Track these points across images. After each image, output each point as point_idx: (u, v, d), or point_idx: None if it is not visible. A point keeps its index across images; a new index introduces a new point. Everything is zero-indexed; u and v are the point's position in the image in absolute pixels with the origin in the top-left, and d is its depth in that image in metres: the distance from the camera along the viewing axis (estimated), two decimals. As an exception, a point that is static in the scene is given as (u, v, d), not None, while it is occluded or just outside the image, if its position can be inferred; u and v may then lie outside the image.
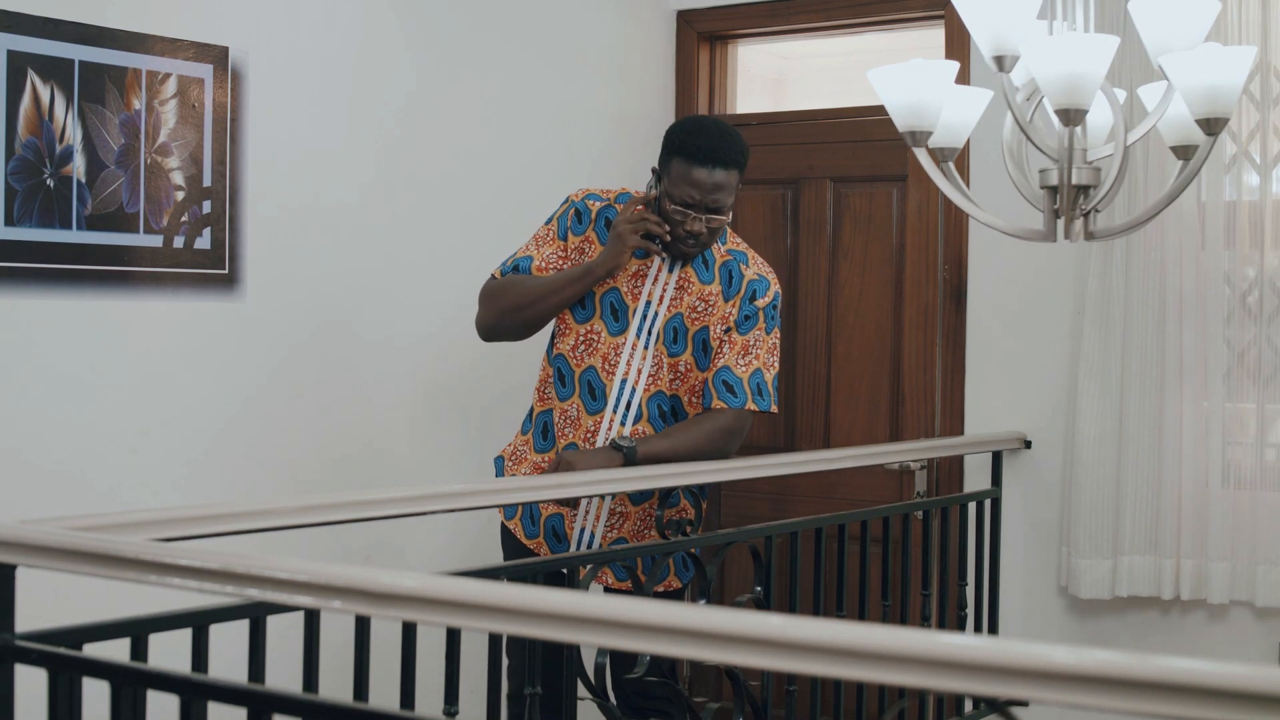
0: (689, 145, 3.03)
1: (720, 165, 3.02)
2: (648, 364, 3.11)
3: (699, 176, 3.02)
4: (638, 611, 1.52)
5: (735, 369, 3.10)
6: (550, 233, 3.20)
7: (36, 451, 3.10)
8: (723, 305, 3.13)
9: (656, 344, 3.11)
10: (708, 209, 3.04)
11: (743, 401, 3.10)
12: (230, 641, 2.32)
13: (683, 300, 3.12)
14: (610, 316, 3.12)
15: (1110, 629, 3.88)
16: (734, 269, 3.15)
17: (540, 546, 3.20)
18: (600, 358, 3.12)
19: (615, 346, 3.12)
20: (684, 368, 3.13)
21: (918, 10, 4.28)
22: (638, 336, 3.11)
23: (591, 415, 3.12)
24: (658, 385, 3.12)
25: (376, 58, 3.77)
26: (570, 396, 3.15)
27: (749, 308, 3.13)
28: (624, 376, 3.10)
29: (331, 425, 3.68)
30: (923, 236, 4.25)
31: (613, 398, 3.11)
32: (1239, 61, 2.56)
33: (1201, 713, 1.24)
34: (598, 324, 3.13)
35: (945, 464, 4.17)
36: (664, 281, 3.12)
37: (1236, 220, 3.64)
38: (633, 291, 3.13)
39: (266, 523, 2.34)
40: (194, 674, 2.08)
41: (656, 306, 3.12)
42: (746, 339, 3.12)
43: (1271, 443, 3.66)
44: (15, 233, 3.03)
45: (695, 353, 3.12)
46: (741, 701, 2.98)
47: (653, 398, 3.12)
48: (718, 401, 3.10)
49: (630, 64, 4.52)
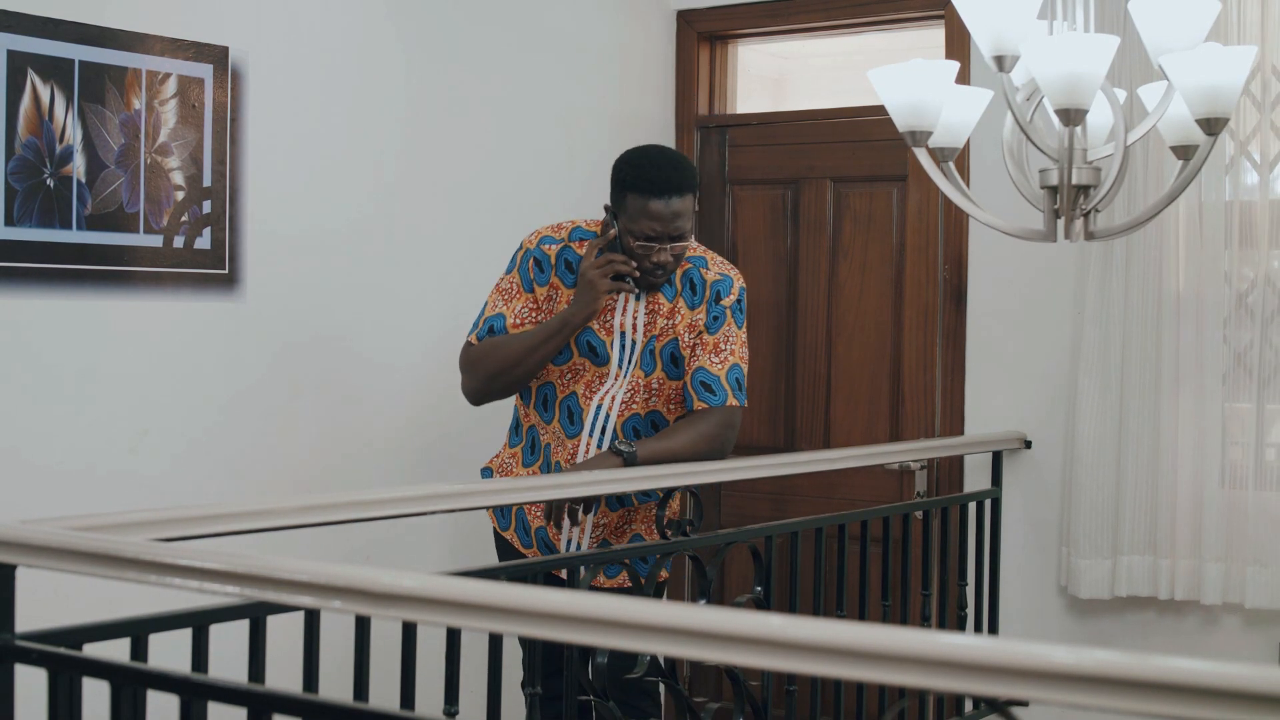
0: (642, 180, 3.02)
1: (675, 194, 3.02)
2: (623, 391, 3.13)
3: (656, 209, 3.01)
4: (638, 611, 1.52)
5: (711, 368, 3.12)
6: (514, 285, 3.18)
7: (36, 451, 3.10)
8: (689, 314, 3.14)
9: (634, 370, 3.14)
10: (670, 238, 3.04)
11: (724, 398, 3.11)
12: (230, 641, 2.32)
13: (656, 324, 3.14)
14: (590, 354, 3.14)
15: (1110, 629, 3.88)
16: (694, 276, 3.16)
17: (534, 554, 3.21)
18: (584, 384, 3.15)
19: (600, 375, 3.14)
20: (656, 384, 3.15)
21: (918, 10, 4.28)
22: (619, 367, 3.14)
23: (570, 439, 3.15)
24: (632, 409, 3.15)
25: (376, 58, 3.77)
26: (552, 421, 3.18)
27: (716, 308, 3.15)
28: (599, 402, 3.13)
29: (331, 425, 3.68)
30: (923, 237, 4.25)
31: (588, 422, 3.13)
32: (1239, 61, 2.56)
33: (1201, 713, 1.24)
34: (579, 361, 3.15)
35: (945, 464, 4.17)
36: (632, 311, 3.14)
37: (1236, 220, 3.64)
38: (604, 326, 3.14)
39: (266, 523, 2.34)
40: (194, 674, 2.08)
41: (632, 335, 3.14)
42: (716, 337, 3.14)
43: (1271, 443, 3.66)
44: (15, 233, 3.03)
45: (666, 367, 3.15)
46: (742, 701, 2.98)
47: (627, 422, 3.15)
48: (699, 403, 3.11)
49: (630, 64, 4.52)
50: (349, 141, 3.71)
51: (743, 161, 4.60)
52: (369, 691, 2.46)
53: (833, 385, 4.41)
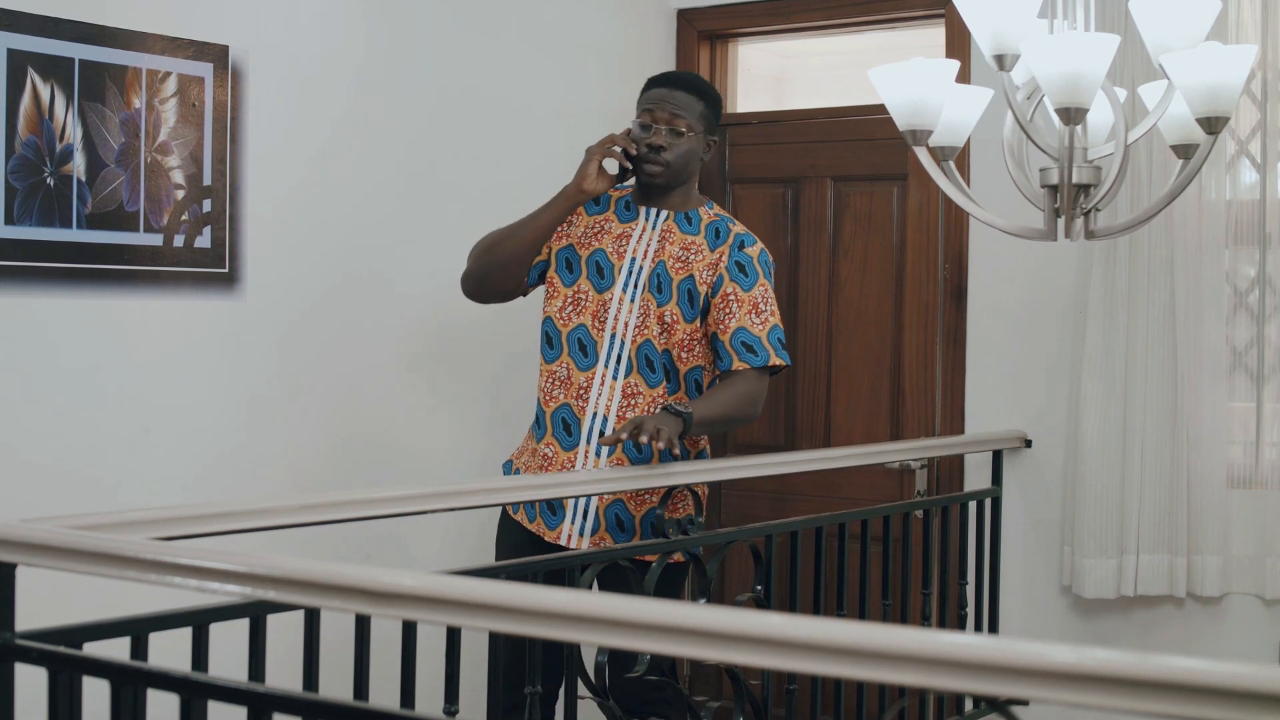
0: (653, 78, 3.30)
1: (678, 87, 3.24)
2: (634, 315, 3.16)
3: (655, 94, 3.23)
4: (638, 610, 1.52)
5: (752, 329, 3.14)
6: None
7: (37, 450, 3.10)
8: (708, 253, 3.18)
9: (643, 294, 3.17)
10: (668, 125, 3.19)
11: (765, 359, 3.14)
12: (230, 640, 2.32)
13: (665, 250, 3.19)
14: (596, 275, 3.20)
15: (1111, 628, 3.88)
16: (720, 226, 3.24)
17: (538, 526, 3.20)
18: (590, 315, 3.18)
19: (603, 303, 3.18)
20: (670, 318, 3.16)
21: (918, 9, 4.28)
22: (624, 290, 3.18)
23: (583, 371, 3.17)
24: (645, 334, 3.16)
25: (376, 57, 3.77)
26: (558, 357, 3.20)
27: (740, 255, 3.18)
28: (613, 331, 3.16)
29: (331, 424, 3.68)
30: (923, 235, 4.24)
31: (604, 352, 3.16)
32: (1239, 60, 2.56)
33: (1202, 712, 1.24)
34: (584, 283, 3.20)
35: (945, 463, 4.16)
36: (648, 238, 3.21)
37: (1237, 219, 3.64)
38: (618, 250, 3.22)
39: (266, 522, 2.34)
40: (194, 673, 2.08)
41: (641, 261, 3.19)
42: (753, 295, 3.16)
43: (1272, 442, 3.66)
44: (15, 231, 3.03)
45: (681, 302, 3.16)
46: (742, 701, 2.98)
47: (640, 348, 3.16)
48: (739, 363, 3.13)
49: (630, 63, 4.52)
50: (349, 141, 3.71)
51: (743, 160, 4.60)
52: (369, 691, 2.46)
53: (833, 384, 4.41)
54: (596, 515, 3.15)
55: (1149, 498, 3.71)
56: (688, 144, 3.20)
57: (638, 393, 3.15)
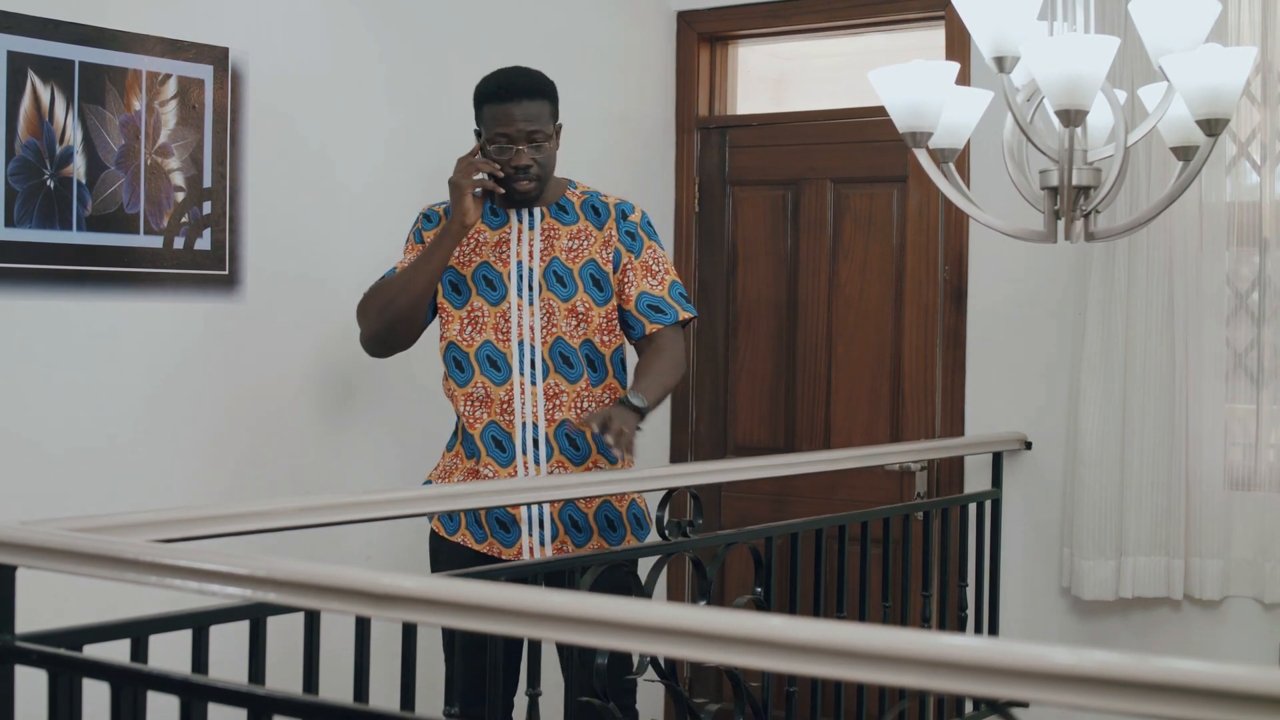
0: (486, 90, 3.17)
1: (525, 97, 3.14)
2: (538, 317, 3.15)
3: (503, 112, 3.12)
4: (638, 612, 1.52)
5: (653, 290, 3.18)
6: (409, 246, 3.27)
7: (37, 452, 3.10)
8: (597, 233, 3.19)
9: (541, 295, 3.15)
10: (527, 141, 3.12)
11: (674, 315, 3.18)
12: (230, 642, 2.32)
13: (555, 247, 3.18)
14: (487, 289, 3.16)
15: (1112, 630, 3.88)
16: (595, 202, 3.24)
17: (491, 546, 3.15)
18: (492, 330, 3.16)
19: (502, 314, 3.15)
20: (582, 308, 3.15)
21: (918, 11, 4.28)
22: (519, 296, 3.16)
23: (500, 386, 3.13)
24: (554, 333, 3.14)
25: (376, 58, 3.77)
26: (471, 379, 3.16)
27: (626, 224, 3.21)
28: (519, 338, 3.14)
29: (331, 425, 3.68)
30: (923, 237, 4.25)
31: (515, 362, 3.13)
32: (1239, 62, 2.56)
33: (1202, 713, 1.24)
34: (477, 300, 3.17)
35: (945, 465, 4.16)
36: (528, 239, 3.19)
37: (1237, 220, 3.64)
38: (500, 258, 3.18)
39: (266, 523, 2.34)
40: (194, 675, 2.08)
41: (529, 262, 3.17)
42: (644, 260, 3.20)
43: (1272, 444, 3.66)
44: (15, 234, 3.03)
45: (589, 290, 3.16)
46: (742, 702, 2.98)
47: (552, 348, 3.14)
48: (651, 326, 3.17)
49: (630, 64, 4.52)
50: (348, 141, 3.71)
51: (743, 162, 4.60)
52: (369, 692, 2.46)
53: (833, 385, 4.41)
54: (553, 522, 3.13)
55: (1148, 500, 3.71)
56: (549, 150, 3.17)
57: (560, 392, 3.13)
